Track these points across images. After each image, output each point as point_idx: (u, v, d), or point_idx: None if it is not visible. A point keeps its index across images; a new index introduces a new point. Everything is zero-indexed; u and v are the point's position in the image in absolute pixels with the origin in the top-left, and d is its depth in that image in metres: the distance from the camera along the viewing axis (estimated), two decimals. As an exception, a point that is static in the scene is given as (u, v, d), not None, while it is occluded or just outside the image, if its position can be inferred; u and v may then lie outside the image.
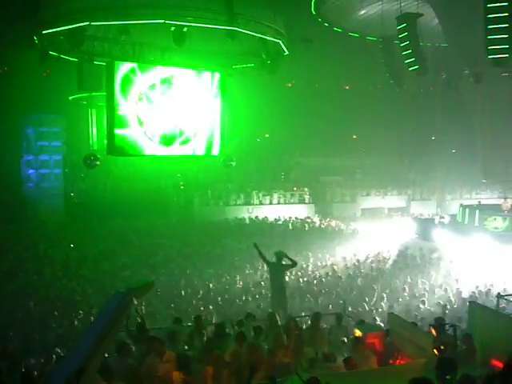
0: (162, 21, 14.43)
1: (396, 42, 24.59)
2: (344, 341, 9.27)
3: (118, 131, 16.83)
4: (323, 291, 15.16)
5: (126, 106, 16.89)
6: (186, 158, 27.75)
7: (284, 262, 12.39)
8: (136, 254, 20.24)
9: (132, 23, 14.57)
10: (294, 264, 12.68)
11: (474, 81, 25.52)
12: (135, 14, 14.54)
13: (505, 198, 26.50)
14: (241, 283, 16.34)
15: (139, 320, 8.52)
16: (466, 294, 14.78)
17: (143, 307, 12.74)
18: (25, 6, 15.92)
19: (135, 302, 7.36)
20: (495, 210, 26.02)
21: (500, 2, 19.86)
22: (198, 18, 14.91)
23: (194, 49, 17.96)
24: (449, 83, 28.27)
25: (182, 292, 15.00)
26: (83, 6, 14.55)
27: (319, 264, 19.30)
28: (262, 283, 15.89)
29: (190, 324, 10.15)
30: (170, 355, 7.47)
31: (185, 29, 14.41)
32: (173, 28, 14.45)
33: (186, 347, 8.94)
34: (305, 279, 16.76)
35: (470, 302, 9.47)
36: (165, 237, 23.85)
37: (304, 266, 18.25)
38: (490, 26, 20.15)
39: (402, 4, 23.75)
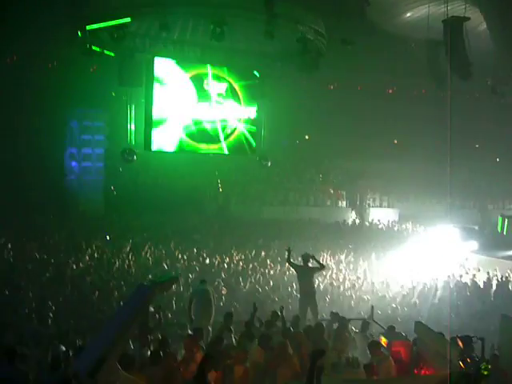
0: (202, 18, 14.52)
1: (441, 45, 24.17)
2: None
3: (154, 127, 17.00)
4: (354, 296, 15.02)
5: (164, 103, 17.04)
6: (223, 156, 27.93)
7: (311, 265, 12.30)
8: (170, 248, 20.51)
9: (173, 20, 14.71)
10: (322, 267, 12.59)
11: (521, 87, 24.83)
12: (176, 11, 14.67)
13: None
14: (271, 283, 16.32)
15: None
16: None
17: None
18: (71, 1, 16.21)
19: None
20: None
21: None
22: (238, 17, 14.96)
23: (234, 47, 17.98)
24: (494, 89, 27.59)
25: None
26: (126, 2, 14.75)
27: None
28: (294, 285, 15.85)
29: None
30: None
31: (224, 27, 14.43)
32: (212, 25, 14.48)
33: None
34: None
35: (502, 314, 9.17)
36: (200, 233, 24.00)
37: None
38: (539, 32, 19.62)
39: (449, 7, 23.24)
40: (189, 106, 17.77)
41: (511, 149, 32.05)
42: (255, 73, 18.74)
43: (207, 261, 19.14)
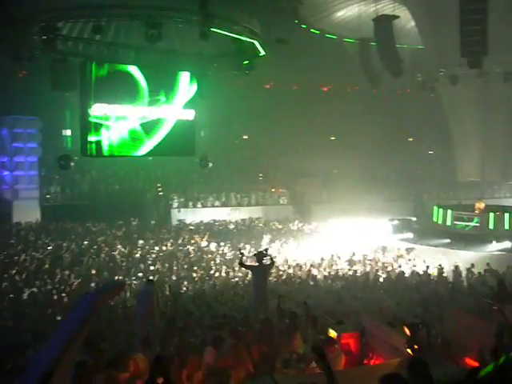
0: (137, 20, 14.30)
1: (373, 43, 24.86)
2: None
3: (91, 132, 16.60)
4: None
5: (99, 107, 16.65)
6: (162, 159, 27.64)
7: (265, 262, 12.36)
8: (111, 256, 20.19)
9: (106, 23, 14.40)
10: (273, 262, 12.68)
11: (450, 82, 25.80)
12: (109, 13, 14.40)
13: (479, 199, 26.95)
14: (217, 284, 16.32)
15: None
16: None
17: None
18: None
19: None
20: (469, 210, 26.51)
21: (475, 4, 20.18)
22: (173, 18, 14.84)
23: (170, 49, 17.80)
24: (424, 85, 28.60)
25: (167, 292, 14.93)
26: (56, 4, 14.32)
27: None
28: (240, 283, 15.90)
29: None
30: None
31: (159, 29, 14.26)
32: (147, 28, 14.27)
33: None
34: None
35: (447, 301, 9.50)
36: (142, 239, 23.66)
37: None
38: (465, 28, 20.47)
39: (379, 6, 23.96)
40: (125, 109, 17.39)
41: (442, 141, 33.21)
42: (192, 74, 18.57)
43: (151, 267, 18.94)
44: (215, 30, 15.29)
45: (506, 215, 25.68)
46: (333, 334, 8.63)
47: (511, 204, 29.17)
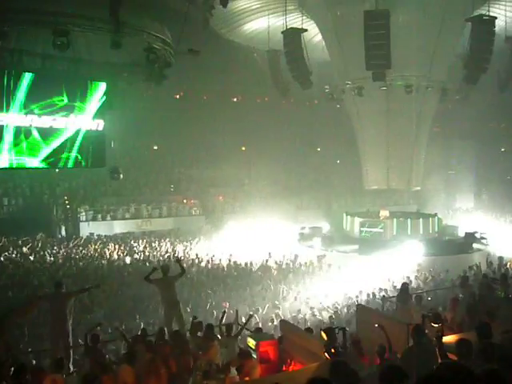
0: (44, 27, 13.72)
1: (282, 55, 25.38)
2: (237, 350, 9.23)
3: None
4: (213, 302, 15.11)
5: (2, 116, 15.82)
6: (70, 171, 26.68)
7: (170, 274, 12.15)
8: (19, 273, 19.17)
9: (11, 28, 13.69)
10: (183, 271, 12.48)
11: (356, 94, 26.82)
12: (14, 19, 13.72)
13: (383, 207, 28.23)
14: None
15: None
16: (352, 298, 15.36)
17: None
18: None
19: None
20: (374, 217, 27.70)
21: (379, 21, 21.14)
22: (82, 26, 14.39)
23: (78, 58, 17.24)
24: (332, 96, 29.55)
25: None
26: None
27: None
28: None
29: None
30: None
31: (67, 36, 13.77)
32: (54, 35, 13.74)
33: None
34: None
35: (357, 304, 9.79)
36: (50, 254, 22.66)
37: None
38: (369, 43, 21.38)
39: (288, 19, 24.50)
40: (29, 118, 16.59)
41: (349, 150, 34.39)
42: (102, 83, 18.06)
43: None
44: (126, 38, 14.98)
45: (408, 221, 27.05)
46: (251, 342, 8.65)
47: (414, 210, 30.73)
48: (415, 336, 6.77)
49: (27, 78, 16.16)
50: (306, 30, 24.32)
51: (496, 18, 22.40)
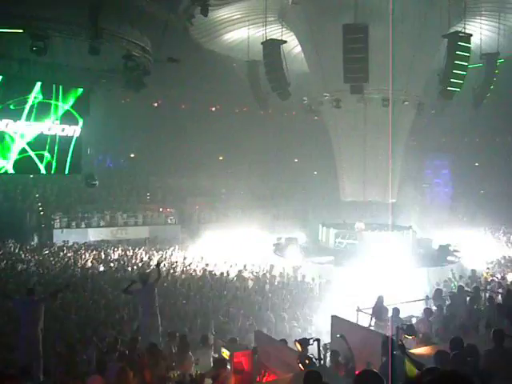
0: (22, 30, 13.56)
1: (261, 66, 25.48)
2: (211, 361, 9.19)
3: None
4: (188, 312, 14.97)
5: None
6: (44, 177, 26.34)
7: (148, 281, 12.01)
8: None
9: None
10: (159, 276, 12.36)
11: (333, 106, 27.00)
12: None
13: (359, 219, 28.37)
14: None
15: None
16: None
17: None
18: None
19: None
20: (350, 229, 27.84)
21: (357, 34, 21.38)
22: (60, 31, 14.27)
23: (56, 63, 17.08)
24: (310, 108, 29.71)
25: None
26: None
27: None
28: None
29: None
30: None
31: (45, 40, 13.63)
32: (32, 39, 13.59)
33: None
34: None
35: (332, 316, 9.78)
36: (23, 262, 22.24)
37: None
38: (347, 56, 21.59)
39: (268, 30, 24.62)
40: (4, 122, 16.39)
41: (326, 162, 34.53)
42: (79, 90, 17.93)
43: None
44: (105, 45, 14.89)
45: (382, 233, 27.24)
46: (225, 353, 8.60)
47: (389, 223, 30.92)
48: (497, 340, 6.67)
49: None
50: (285, 42, 24.48)
51: (471, 35, 22.82)
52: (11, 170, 17.46)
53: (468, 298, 12.19)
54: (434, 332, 9.88)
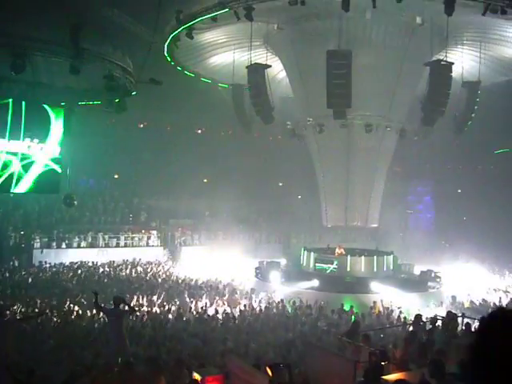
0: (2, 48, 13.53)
1: (246, 89, 25.63)
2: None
3: None
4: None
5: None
6: (24, 196, 26.05)
7: (122, 308, 11.82)
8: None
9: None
10: (134, 310, 12.23)
11: (317, 131, 27.17)
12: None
13: (339, 244, 28.44)
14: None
15: None
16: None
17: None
18: None
19: None
20: (330, 253, 27.88)
21: (341, 60, 21.63)
22: (40, 49, 14.25)
23: (37, 82, 17.03)
24: (294, 132, 29.85)
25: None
26: None
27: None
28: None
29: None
30: None
31: (25, 59, 13.60)
32: (12, 57, 13.55)
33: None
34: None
35: (306, 341, 9.68)
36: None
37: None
38: (330, 81, 21.80)
39: (253, 55, 24.82)
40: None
41: (310, 186, 34.56)
42: (60, 109, 17.84)
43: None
44: (86, 65, 14.89)
45: (362, 258, 27.25)
46: (197, 377, 8.44)
47: (373, 248, 30.96)
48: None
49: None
50: (270, 66, 24.70)
51: (453, 63, 23.17)
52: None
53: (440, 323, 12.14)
54: (410, 358, 9.78)
